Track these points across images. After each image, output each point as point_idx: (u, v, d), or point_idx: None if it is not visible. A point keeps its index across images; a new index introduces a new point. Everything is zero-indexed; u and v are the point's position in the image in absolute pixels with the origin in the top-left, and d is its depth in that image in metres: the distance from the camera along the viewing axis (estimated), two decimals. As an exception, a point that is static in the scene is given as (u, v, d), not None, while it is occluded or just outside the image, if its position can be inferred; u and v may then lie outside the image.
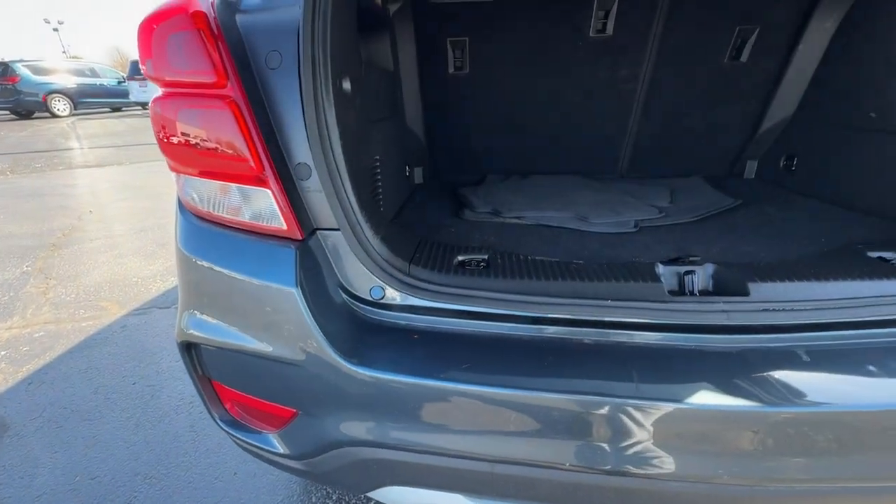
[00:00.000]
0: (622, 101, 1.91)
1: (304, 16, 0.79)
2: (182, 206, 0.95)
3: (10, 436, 1.76)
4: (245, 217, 0.85)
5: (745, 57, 1.76)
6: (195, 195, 0.90)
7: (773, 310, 0.80)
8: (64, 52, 45.72)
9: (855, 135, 1.54)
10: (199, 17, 0.77)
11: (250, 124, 0.78)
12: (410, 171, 2.00)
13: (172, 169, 0.91)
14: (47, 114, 15.06)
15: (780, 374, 0.72)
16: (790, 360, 0.75)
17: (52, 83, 15.12)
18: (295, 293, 0.78)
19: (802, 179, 1.75)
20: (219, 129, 0.79)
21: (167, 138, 0.85)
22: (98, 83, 16.23)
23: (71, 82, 15.52)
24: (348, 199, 0.84)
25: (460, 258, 1.01)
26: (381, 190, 1.39)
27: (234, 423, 0.96)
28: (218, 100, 0.78)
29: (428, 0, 1.71)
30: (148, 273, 3.18)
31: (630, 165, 2.08)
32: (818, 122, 1.72)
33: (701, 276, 0.90)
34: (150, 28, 0.80)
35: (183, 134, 0.83)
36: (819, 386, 0.72)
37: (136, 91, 15.50)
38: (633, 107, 1.92)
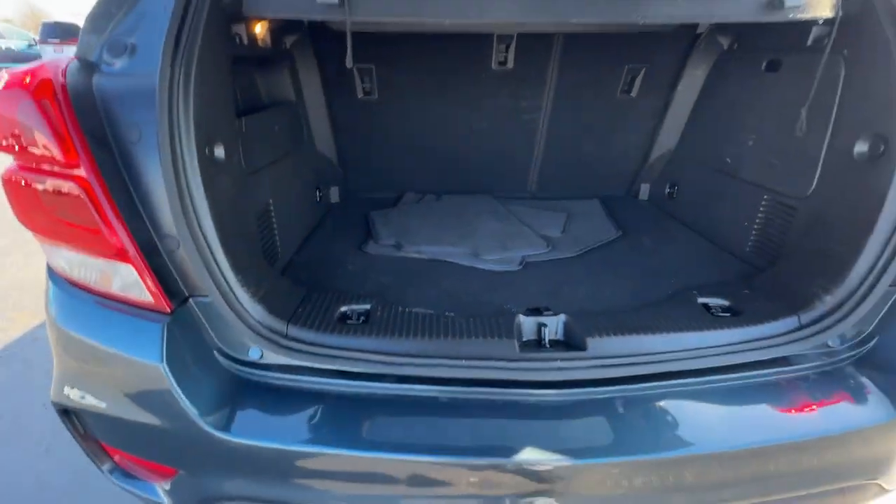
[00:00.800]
0: (527, 129, 2.04)
1: (160, 85, 0.76)
2: (52, 272, 0.92)
3: None
4: (114, 288, 0.83)
5: (635, 92, 1.95)
6: (63, 264, 0.87)
7: (602, 365, 0.88)
8: (-39, 6, 40.23)
9: (716, 175, 1.71)
10: (45, 87, 0.72)
11: (105, 203, 0.76)
12: (324, 192, 2.02)
13: (38, 239, 0.86)
14: (-57, 81, 13.46)
15: (603, 425, 0.81)
16: (612, 410, 0.84)
17: (-54, 46, 13.43)
18: (161, 368, 0.79)
19: (681, 207, 1.94)
20: (75, 207, 0.77)
21: (24, 212, 0.82)
22: (4, 47, 14.54)
23: (-30, 45, 13.84)
24: (218, 267, 0.83)
25: (343, 309, 1.04)
26: (276, 231, 1.39)
27: (122, 475, 0.97)
28: (70, 181, 0.75)
29: (328, 28, 1.68)
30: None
31: (538, 186, 2.24)
32: (692, 157, 1.93)
33: (552, 328, 0.98)
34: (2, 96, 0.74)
35: (40, 210, 0.80)
36: (633, 435, 0.82)
37: (52, 55, 13.99)
38: (536, 134, 2.06)
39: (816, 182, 1.18)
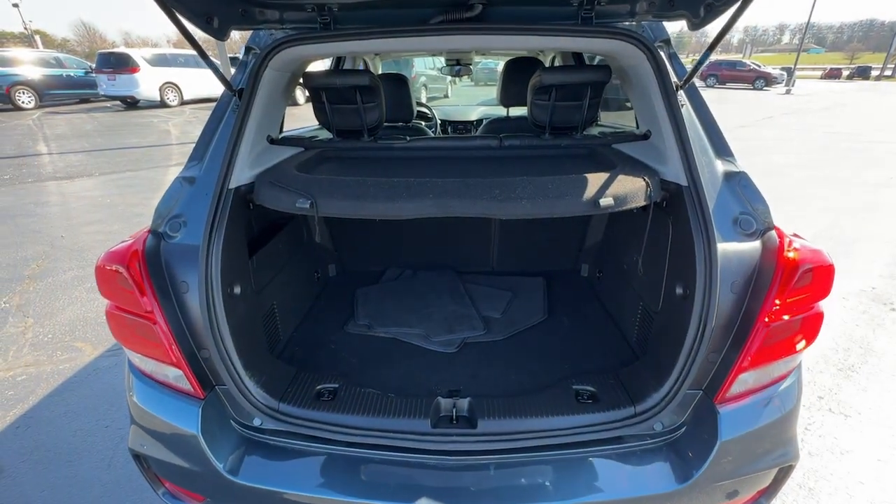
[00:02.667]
0: (485, 221, 2.56)
1: (202, 253, 1.23)
2: (131, 364, 1.39)
3: (6, 478, 2.19)
4: (169, 380, 1.30)
5: None
6: (138, 361, 1.34)
7: (486, 440, 1.28)
8: (25, 28, 43.81)
9: (621, 272, 2.13)
10: (133, 256, 1.21)
11: (168, 335, 1.22)
12: (322, 271, 2.58)
13: (123, 345, 1.35)
14: (11, 106, 14.79)
15: (482, 484, 1.21)
16: (488, 473, 1.24)
17: (15, 74, 14.80)
18: (198, 435, 1.24)
19: (603, 290, 2.39)
20: (149, 335, 1.24)
21: (117, 334, 1.29)
22: (63, 74, 15.92)
23: (35, 73, 15.20)
24: (234, 367, 1.29)
25: (319, 387, 1.48)
26: (278, 322, 1.89)
27: (170, 498, 1.43)
28: (149, 321, 1.22)
29: None
30: (118, 310, 3.56)
31: (498, 263, 2.75)
32: (610, 252, 2.37)
33: (459, 409, 1.40)
34: (101, 266, 1.23)
35: (129, 333, 1.27)
36: (501, 490, 1.21)
37: (106, 84, 15.25)
38: (492, 225, 2.59)
39: (661, 303, 1.56)
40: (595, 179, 1.40)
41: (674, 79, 1.43)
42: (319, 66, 2.14)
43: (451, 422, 1.36)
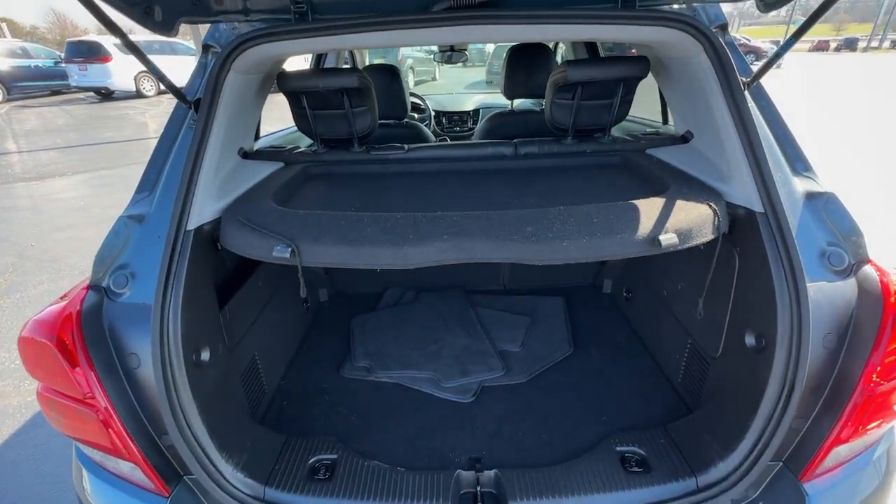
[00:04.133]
0: None
1: (154, 315, 0.96)
2: (79, 451, 1.14)
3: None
4: (124, 473, 1.06)
5: None
6: (87, 451, 1.09)
7: None
8: (-9, 16, 41.78)
9: (657, 298, 1.84)
10: (66, 325, 0.94)
11: (117, 422, 0.97)
12: (313, 297, 2.25)
13: (64, 433, 1.08)
14: (-25, 100, 14.08)
15: None
16: None
17: (-23, 66, 14.05)
18: None
19: (634, 314, 2.09)
20: (93, 423, 0.98)
21: (58, 420, 1.04)
22: (31, 65, 15.13)
23: (1, 64, 14.42)
24: (206, 454, 1.04)
25: (312, 460, 1.24)
26: (262, 375, 1.61)
27: None
28: (88, 407, 0.97)
29: None
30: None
31: (510, 280, 2.44)
32: (641, 272, 2.03)
33: (483, 482, 1.18)
34: (25, 338, 0.96)
35: (68, 420, 1.02)
36: None
37: (77, 75, 14.46)
38: None
39: (721, 348, 1.33)
40: (648, 207, 1.15)
41: (739, 75, 1.16)
42: (297, 61, 1.83)
43: (476, 502, 1.13)
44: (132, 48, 1.02)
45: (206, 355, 1.16)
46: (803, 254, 1.01)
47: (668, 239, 1.06)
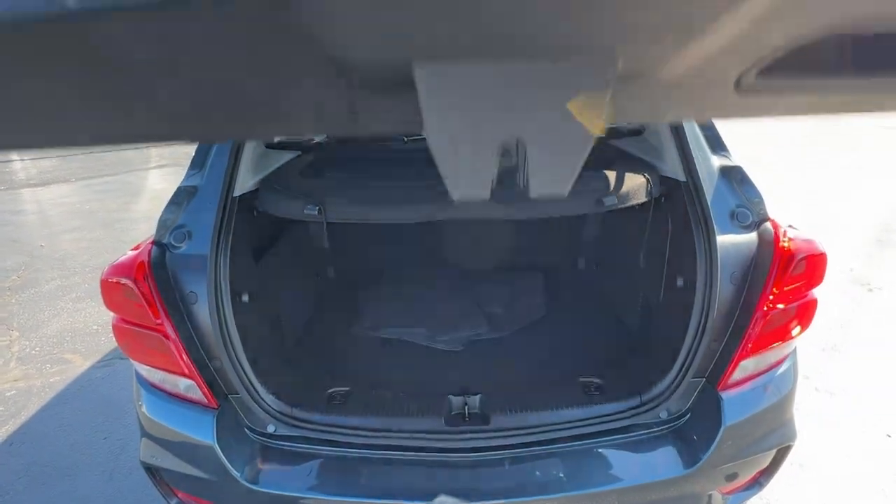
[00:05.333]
0: (483, 222, 2.52)
1: (209, 262, 1.21)
2: (139, 377, 1.38)
3: (3, 497, 2.15)
4: (181, 391, 1.30)
5: None
6: (146, 374, 1.33)
7: (502, 436, 1.31)
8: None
9: (618, 265, 2.14)
10: (140, 269, 1.19)
11: (180, 347, 1.22)
12: (322, 272, 2.54)
13: (132, 360, 1.32)
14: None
15: (499, 478, 1.24)
16: (502, 467, 1.27)
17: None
18: (214, 445, 1.24)
19: (601, 282, 2.41)
20: (160, 347, 1.23)
21: (125, 347, 1.28)
22: None
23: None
24: (247, 376, 1.29)
25: (330, 391, 1.49)
26: (283, 328, 1.88)
27: None
28: (159, 333, 1.21)
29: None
30: (106, 319, 3.49)
31: (496, 260, 2.73)
32: (606, 245, 2.38)
33: (471, 405, 1.42)
34: (106, 279, 1.22)
35: (138, 346, 1.26)
36: (516, 483, 1.24)
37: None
38: (490, 226, 2.54)
39: (662, 294, 1.61)
40: (597, 178, 1.43)
41: None
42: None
43: (464, 419, 1.38)
44: None
45: (246, 297, 1.42)
46: (717, 213, 1.30)
47: (609, 200, 1.35)
